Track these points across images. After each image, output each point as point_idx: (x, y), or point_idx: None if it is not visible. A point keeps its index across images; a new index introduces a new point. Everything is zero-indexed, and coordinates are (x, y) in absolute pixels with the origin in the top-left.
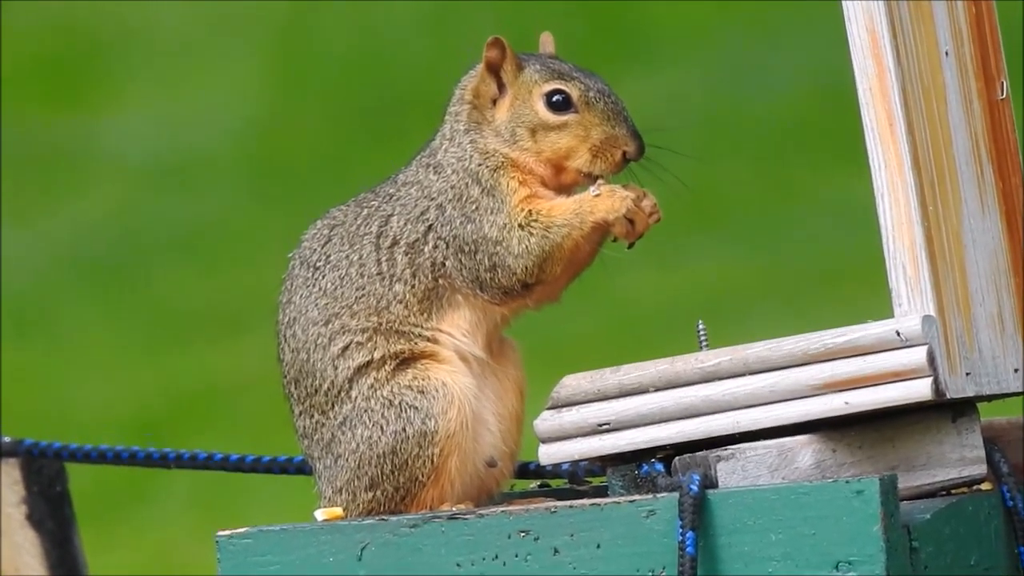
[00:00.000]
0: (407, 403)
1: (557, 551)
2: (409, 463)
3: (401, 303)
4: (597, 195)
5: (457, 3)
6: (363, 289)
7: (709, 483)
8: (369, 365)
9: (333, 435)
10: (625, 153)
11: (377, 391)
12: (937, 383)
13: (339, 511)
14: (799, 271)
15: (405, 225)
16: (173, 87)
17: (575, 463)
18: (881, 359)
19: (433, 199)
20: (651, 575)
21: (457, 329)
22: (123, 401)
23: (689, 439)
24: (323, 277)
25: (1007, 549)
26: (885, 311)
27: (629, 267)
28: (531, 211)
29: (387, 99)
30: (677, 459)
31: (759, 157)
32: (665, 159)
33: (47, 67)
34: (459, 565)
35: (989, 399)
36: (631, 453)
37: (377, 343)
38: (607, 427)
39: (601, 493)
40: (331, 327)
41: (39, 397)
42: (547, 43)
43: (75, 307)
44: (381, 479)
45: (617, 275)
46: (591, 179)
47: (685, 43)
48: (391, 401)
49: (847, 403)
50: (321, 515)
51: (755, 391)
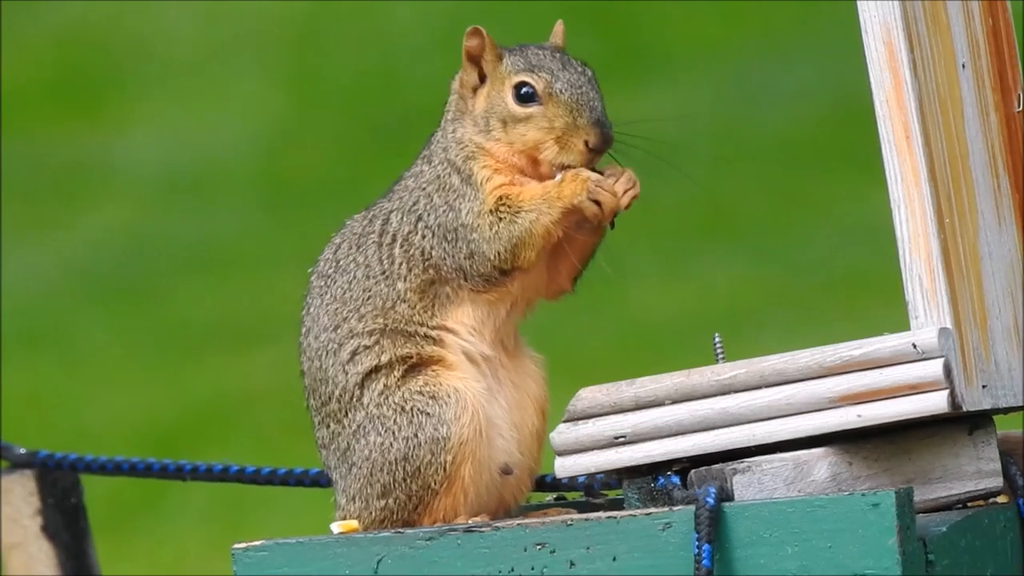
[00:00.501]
0: (419, 409)
1: (573, 564)
2: (422, 470)
3: (405, 302)
4: (562, 180)
5: (470, 19)
6: (369, 291)
7: (725, 496)
8: (378, 370)
9: (348, 444)
10: (587, 142)
11: (389, 397)
12: (953, 396)
13: (355, 523)
14: (813, 284)
15: (402, 219)
16: (186, 102)
17: (591, 476)
18: (897, 372)
19: (423, 189)
20: None
21: (463, 326)
22: (136, 414)
23: (705, 452)
24: (334, 283)
25: (1023, 562)
26: (900, 324)
27: (642, 279)
28: (502, 197)
29: (400, 114)
30: (693, 472)
31: (772, 170)
32: (680, 165)
33: (61, 82)
34: None
35: (1005, 412)
36: (647, 466)
37: (384, 346)
38: (623, 440)
39: (617, 506)
40: (340, 332)
41: (52, 411)
42: (557, 33)
43: (88, 321)
44: (393, 486)
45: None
46: (567, 168)
47: (698, 57)
48: (403, 407)
49: (859, 416)
50: (337, 527)
51: (771, 404)
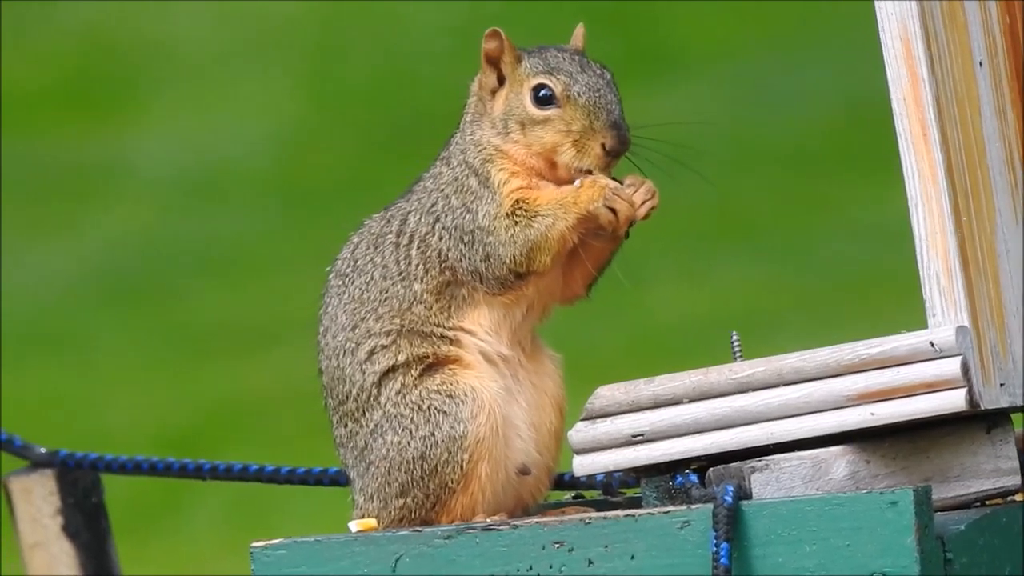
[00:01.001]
0: (436, 407)
1: (591, 562)
2: (439, 468)
3: (421, 303)
4: (580, 186)
5: (488, 21)
6: (386, 292)
7: (743, 494)
8: (395, 369)
9: (366, 443)
10: (604, 145)
11: (406, 396)
12: (971, 394)
13: (373, 522)
14: (828, 285)
15: (420, 219)
16: (201, 104)
17: (609, 474)
18: (915, 370)
19: (442, 190)
20: None
21: (479, 327)
22: (152, 417)
23: (723, 450)
24: (352, 283)
25: None
26: (916, 326)
27: (659, 281)
28: (519, 200)
29: (416, 116)
30: (711, 470)
31: (787, 172)
32: (696, 168)
33: (76, 84)
34: None
35: (1023, 409)
36: (665, 464)
37: (401, 346)
38: (641, 438)
39: (635, 504)
40: (358, 332)
41: (69, 413)
42: (577, 36)
43: (104, 323)
44: (411, 485)
45: (647, 290)
46: (587, 174)
47: (713, 60)
48: (420, 406)
49: (873, 414)
50: (355, 526)
51: (789, 402)
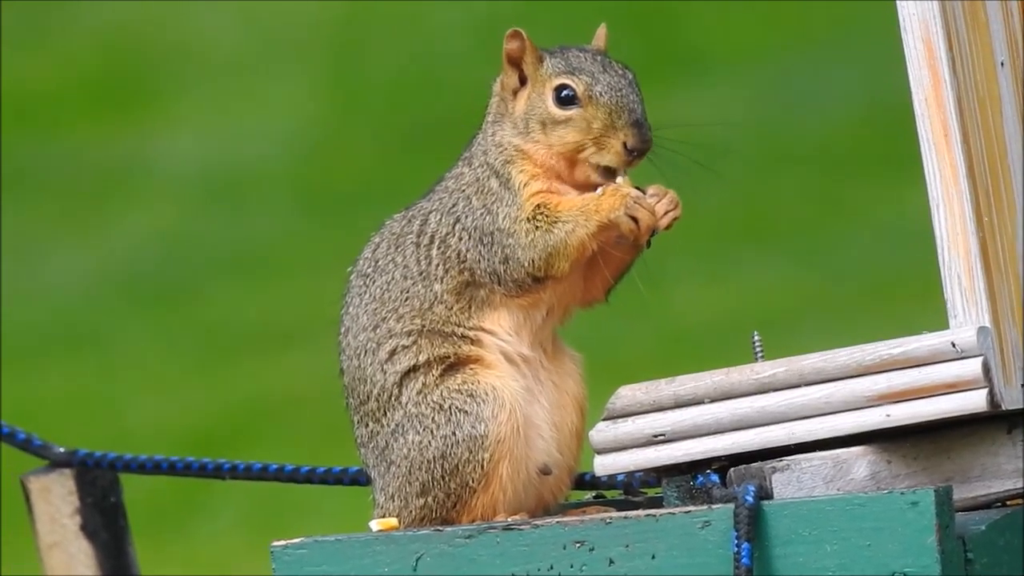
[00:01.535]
0: (457, 407)
1: (612, 562)
2: (460, 468)
3: (442, 303)
4: (602, 194)
5: (510, 21)
6: (407, 292)
7: (764, 494)
8: (416, 369)
9: (387, 442)
10: (625, 143)
11: (427, 396)
12: (992, 394)
13: (394, 521)
14: (851, 287)
15: (440, 220)
16: (225, 105)
17: (630, 474)
18: (936, 371)
19: (463, 191)
20: None
21: (500, 328)
22: (175, 417)
23: (744, 450)
24: (373, 283)
25: None
26: (937, 326)
27: (682, 282)
28: (540, 205)
29: (438, 117)
30: (732, 470)
31: (811, 173)
32: (720, 169)
33: (99, 84)
34: None
35: None
36: (686, 464)
37: (422, 346)
38: (662, 438)
39: (656, 504)
40: (379, 332)
41: (91, 413)
42: (600, 36)
43: (127, 323)
44: (432, 484)
45: (670, 290)
46: (608, 174)
47: (737, 60)
48: (441, 405)
49: (888, 416)
50: (376, 525)
51: (810, 402)
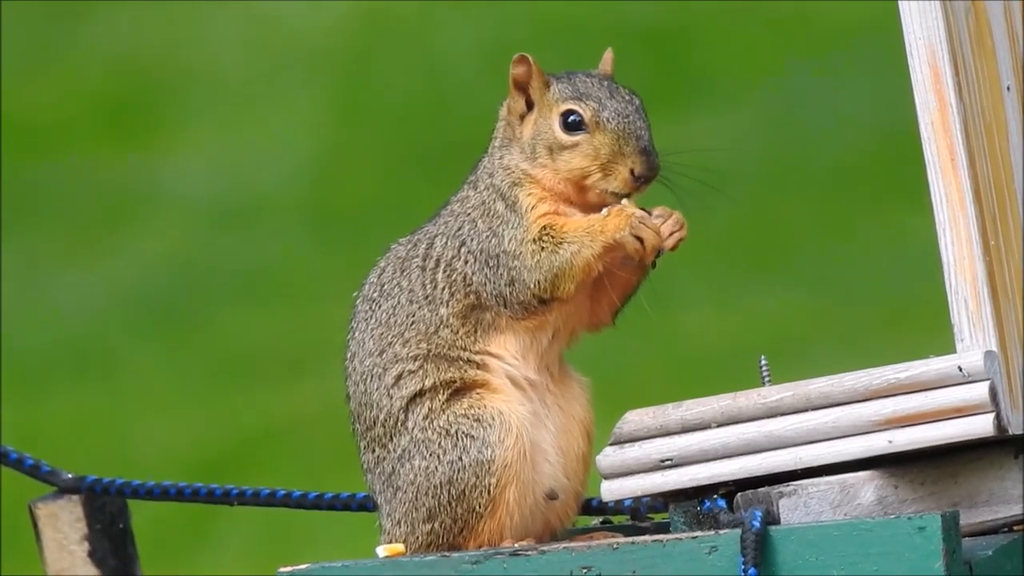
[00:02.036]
0: (463, 432)
1: None
2: (466, 493)
3: (448, 327)
4: (607, 214)
5: (520, 45)
6: (413, 316)
7: (771, 519)
8: (422, 394)
9: (393, 468)
10: (633, 170)
11: (433, 421)
12: (999, 419)
13: (401, 547)
14: (860, 312)
15: (446, 243)
16: (234, 128)
17: (637, 499)
18: (943, 395)
19: (468, 214)
20: None
21: (506, 352)
22: (184, 441)
23: (751, 475)
24: (379, 308)
25: None
26: (945, 351)
27: (690, 306)
28: (546, 226)
29: (448, 141)
30: (739, 495)
31: (820, 197)
32: (729, 194)
33: (110, 110)
34: None
35: None
36: (693, 489)
37: (428, 371)
38: (669, 463)
39: (663, 529)
40: (385, 356)
41: (100, 438)
42: (606, 61)
43: (136, 347)
44: (439, 510)
45: (678, 314)
46: (615, 198)
47: (748, 84)
48: (447, 430)
49: (890, 442)
50: (383, 551)
51: (817, 427)
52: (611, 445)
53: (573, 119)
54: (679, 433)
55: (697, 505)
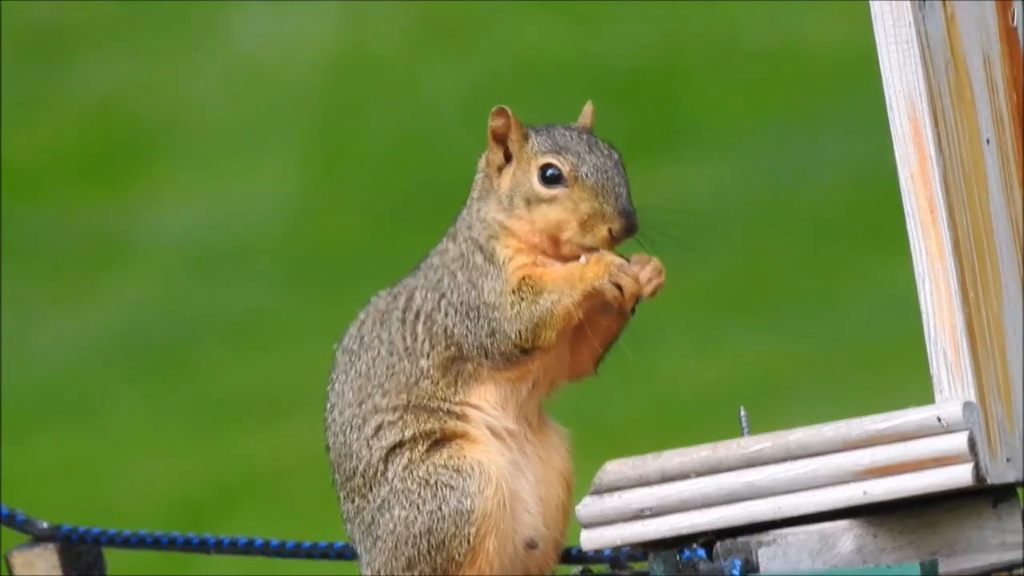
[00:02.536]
0: (443, 482)
1: None
2: (446, 543)
3: (428, 379)
4: (586, 263)
5: (500, 90)
6: (393, 367)
7: (751, 568)
8: (401, 445)
9: (373, 518)
10: (611, 230)
11: (413, 471)
12: (978, 469)
13: None
14: (841, 358)
15: (426, 296)
16: (215, 175)
17: (617, 548)
18: (922, 445)
19: (448, 267)
20: None
21: (486, 402)
22: (165, 485)
23: (731, 524)
24: (359, 360)
25: None
26: (928, 397)
27: (673, 352)
28: (525, 277)
29: (429, 187)
30: (719, 544)
31: (803, 243)
32: (709, 244)
33: (91, 153)
34: None
35: None
36: (673, 538)
37: (407, 421)
38: (649, 512)
39: None
40: (364, 408)
41: (81, 481)
42: (586, 114)
43: (117, 392)
44: (418, 559)
45: (659, 361)
46: (591, 249)
47: (729, 132)
48: (427, 480)
49: (865, 492)
50: None
51: (796, 477)
52: (591, 495)
53: (551, 172)
54: (659, 483)
55: (677, 554)
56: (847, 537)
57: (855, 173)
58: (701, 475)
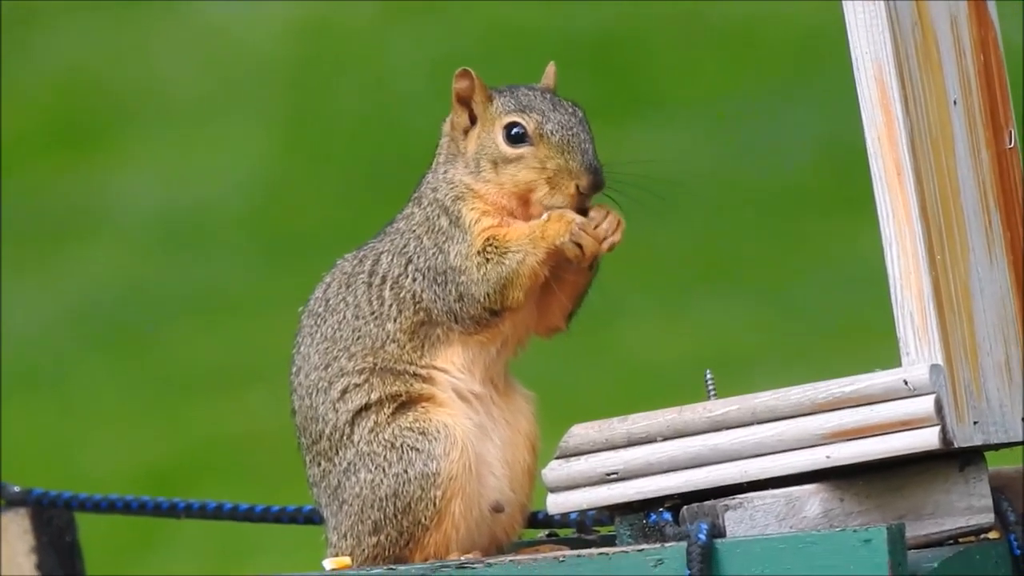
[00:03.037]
0: (408, 445)
1: None
2: (412, 506)
3: (394, 342)
4: (547, 220)
5: (468, 60)
6: (359, 331)
7: (717, 532)
8: (368, 408)
9: (339, 481)
10: (579, 186)
11: (379, 434)
12: (945, 432)
13: (347, 560)
14: (807, 325)
15: (392, 260)
16: (182, 145)
17: (583, 512)
18: (889, 408)
19: (413, 231)
20: None
21: (452, 365)
22: (131, 455)
23: (697, 488)
24: (325, 323)
25: None
26: (892, 365)
27: (639, 320)
28: (489, 238)
29: (398, 159)
30: (685, 508)
31: (769, 212)
32: (675, 204)
33: (57, 124)
34: None
35: (996, 448)
36: (639, 502)
37: (374, 384)
38: (615, 476)
39: (609, 542)
40: (330, 370)
41: (47, 451)
42: (549, 74)
43: (83, 362)
44: (384, 523)
45: (625, 328)
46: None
47: (695, 100)
48: (392, 444)
49: (828, 456)
50: (329, 564)
51: (763, 440)
52: (557, 458)
53: (516, 131)
54: (625, 447)
55: (643, 518)
56: (814, 501)
57: (822, 143)
58: (667, 439)
